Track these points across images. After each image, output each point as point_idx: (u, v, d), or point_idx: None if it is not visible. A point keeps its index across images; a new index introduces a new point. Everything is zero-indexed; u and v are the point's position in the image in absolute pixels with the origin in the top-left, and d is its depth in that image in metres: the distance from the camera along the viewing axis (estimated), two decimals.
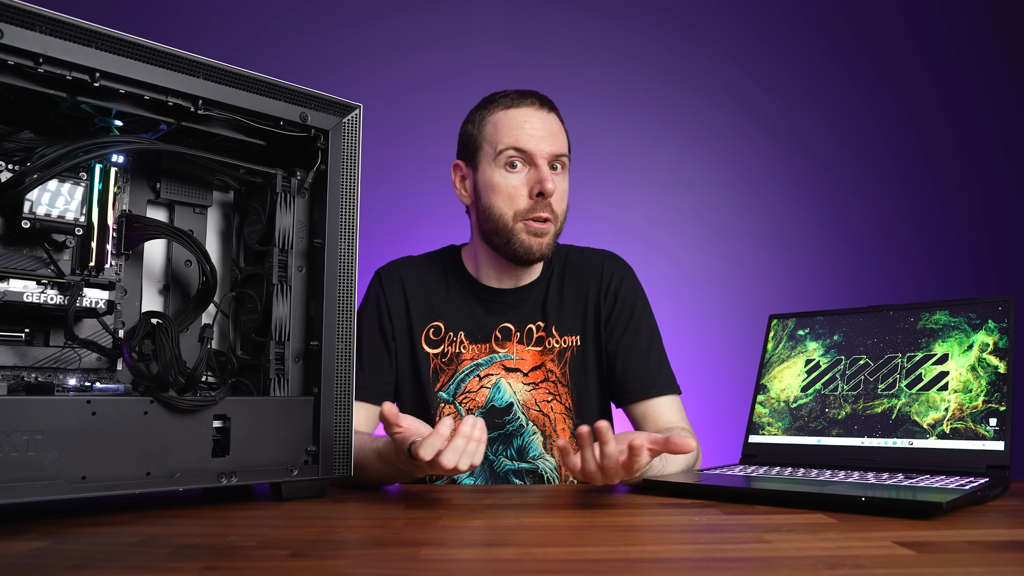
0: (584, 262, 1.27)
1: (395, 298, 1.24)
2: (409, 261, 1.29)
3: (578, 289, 1.25)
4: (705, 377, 2.43)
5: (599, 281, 1.25)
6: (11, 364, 0.78)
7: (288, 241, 0.90)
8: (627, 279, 1.26)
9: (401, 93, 2.52)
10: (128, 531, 0.67)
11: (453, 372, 1.22)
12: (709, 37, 2.61)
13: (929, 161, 2.57)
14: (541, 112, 1.18)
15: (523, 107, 1.18)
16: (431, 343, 1.23)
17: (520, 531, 0.69)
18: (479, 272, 1.25)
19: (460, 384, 1.21)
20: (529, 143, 1.14)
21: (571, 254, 1.29)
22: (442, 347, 1.23)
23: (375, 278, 1.27)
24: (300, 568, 0.53)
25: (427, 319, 1.24)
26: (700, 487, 0.88)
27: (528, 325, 1.23)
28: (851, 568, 0.52)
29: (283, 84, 0.85)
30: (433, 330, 1.24)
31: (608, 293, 1.24)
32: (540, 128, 1.16)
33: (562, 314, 1.24)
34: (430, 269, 1.27)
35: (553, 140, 1.16)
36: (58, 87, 0.73)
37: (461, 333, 1.23)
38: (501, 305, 1.24)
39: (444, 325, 1.23)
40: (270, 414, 0.84)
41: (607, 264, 1.27)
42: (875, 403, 1.02)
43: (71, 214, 0.79)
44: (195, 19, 2.49)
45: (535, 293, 1.25)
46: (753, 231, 2.55)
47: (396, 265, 1.28)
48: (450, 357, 1.22)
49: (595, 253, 1.30)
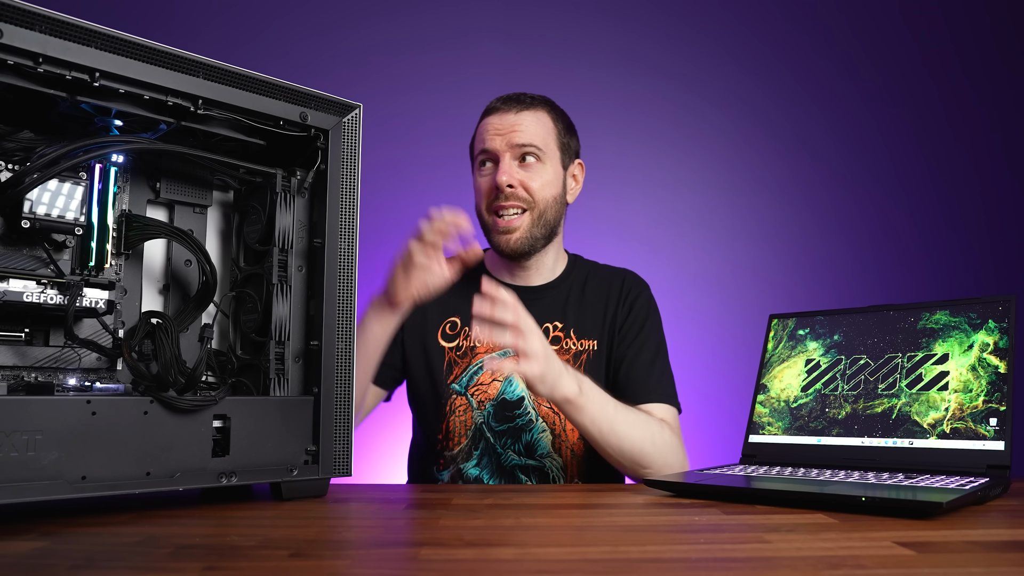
0: (607, 275, 1.33)
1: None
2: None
3: (599, 297, 1.29)
4: (705, 377, 2.43)
5: (619, 291, 1.29)
6: (11, 364, 0.78)
7: (288, 241, 0.90)
8: (644, 294, 1.31)
9: (401, 93, 2.52)
10: (128, 531, 0.67)
11: (467, 365, 1.25)
12: (709, 37, 2.61)
13: (929, 161, 2.57)
14: (510, 112, 1.23)
15: (497, 112, 1.24)
16: (447, 337, 1.27)
17: (520, 531, 0.69)
18: (496, 269, 1.32)
19: (473, 376, 1.24)
20: (491, 142, 1.22)
21: (595, 268, 1.35)
22: (457, 341, 1.27)
23: None
24: (300, 568, 0.53)
25: (445, 314, 1.28)
26: (700, 487, 0.88)
27: (545, 324, 1.26)
28: (851, 568, 0.52)
29: (283, 84, 0.85)
30: (450, 325, 1.28)
31: (624, 303, 1.28)
32: (506, 124, 1.22)
33: (581, 318, 1.27)
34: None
35: (516, 133, 1.21)
36: (58, 87, 0.73)
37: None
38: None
39: (461, 320, 1.28)
40: (270, 414, 0.84)
41: (628, 278, 1.32)
42: (875, 403, 1.02)
43: (71, 214, 0.79)
44: (195, 19, 2.49)
45: (555, 294, 1.29)
46: (753, 231, 2.55)
47: None
48: (464, 351, 1.26)
49: (618, 269, 1.35)
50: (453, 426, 1.23)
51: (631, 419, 1.09)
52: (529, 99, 1.25)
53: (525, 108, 1.23)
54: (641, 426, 1.10)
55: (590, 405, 1.04)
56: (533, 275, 1.29)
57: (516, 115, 1.22)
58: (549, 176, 1.23)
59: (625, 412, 1.09)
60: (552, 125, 1.25)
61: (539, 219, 1.22)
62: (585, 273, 1.32)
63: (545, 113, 1.25)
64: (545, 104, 1.26)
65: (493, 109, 1.25)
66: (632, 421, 1.09)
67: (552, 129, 1.25)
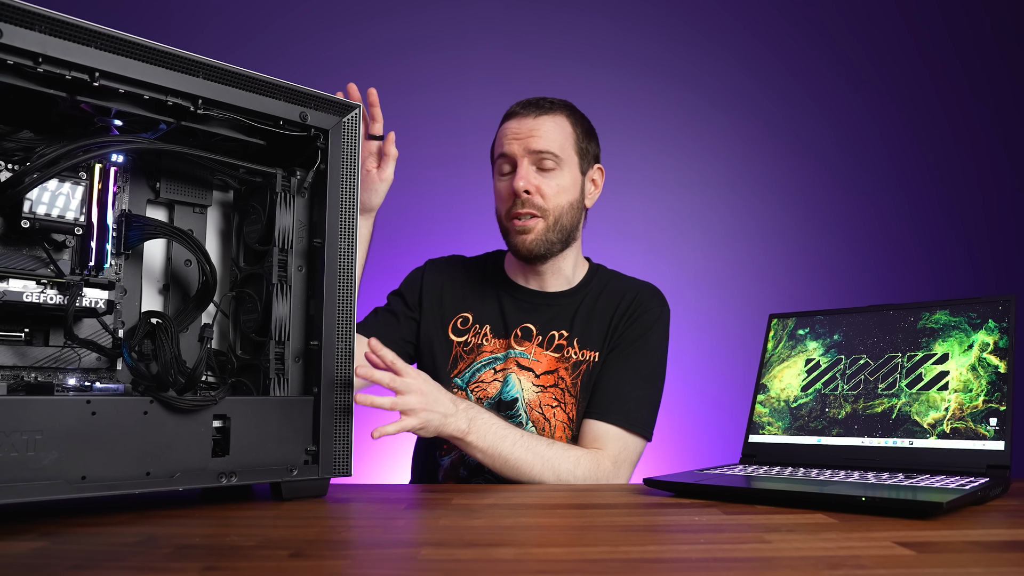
0: (622, 286, 1.30)
1: (433, 285, 1.32)
2: (458, 258, 1.39)
3: (608, 309, 1.27)
4: (705, 377, 2.43)
5: (629, 303, 1.26)
6: (11, 364, 0.78)
7: (288, 241, 0.90)
8: (654, 311, 1.26)
9: (401, 93, 2.52)
10: (128, 531, 0.67)
11: (471, 361, 1.26)
12: (709, 37, 2.61)
13: (929, 161, 2.57)
14: (528, 116, 1.24)
15: (517, 117, 1.25)
16: (457, 332, 1.29)
17: (520, 531, 0.69)
18: (513, 272, 1.33)
19: (475, 373, 1.25)
20: (510, 147, 1.23)
21: (615, 279, 1.33)
22: (466, 336, 1.28)
23: (425, 263, 1.38)
24: (300, 568, 0.53)
25: (458, 309, 1.30)
26: (700, 487, 0.88)
27: (552, 331, 1.26)
28: (851, 568, 0.52)
29: (283, 84, 0.85)
30: (461, 320, 1.30)
31: (629, 315, 1.25)
32: (524, 130, 1.22)
33: (588, 328, 1.26)
34: (473, 267, 1.36)
35: (534, 139, 1.21)
36: (58, 87, 0.73)
37: (487, 327, 1.28)
38: (528, 305, 1.28)
39: (472, 317, 1.29)
40: (270, 414, 0.84)
41: (643, 292, 1.29)
42: (875, 403, 1.02)
43: (71, 214, 0.79)
44: (195, 19, 2.49)
45: (566, 302, 1.29)
46: (753, 231, 2.55)
47: (445, 259, 1.39)
48: (472, 347, 1.27)
49: (638, 282, 1.32)
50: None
51: (532, 455, 1.07)
52: (548, 104, 1.25)
53: (544, 113, 1.23)
54: (545, 461, 1.08)
55: (481, 442, 1.05)
56: (550, 280, 1.29)
57: (535, 119, 1.23)
58: (566, 182, 1.23)
59: (526, 447, 1.07)
60: (571, 130, 1.25)
61: (555, 224, 1.22)
62: (604, 284, 1.30)
63: (564, 118, 1.25)
64: (565, 108, 1.26)
65: (513, 114, 1.25)
66: (534, 457, 1.07)
67: (571, 134, 1.25)
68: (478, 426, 1.05)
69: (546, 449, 1.10)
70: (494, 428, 1.07)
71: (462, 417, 1.04)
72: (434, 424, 1.01)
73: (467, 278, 1.34)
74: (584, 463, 1.11)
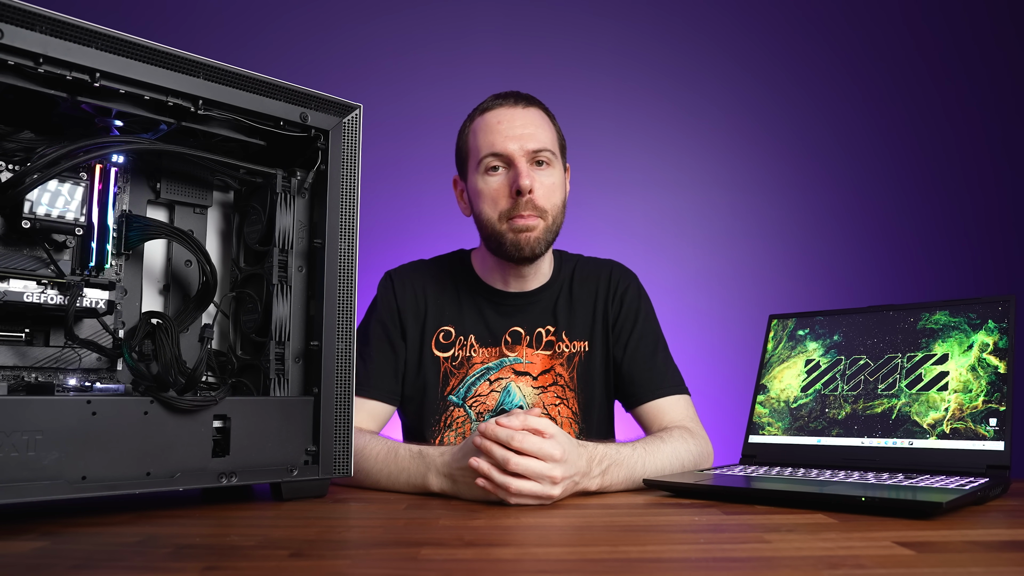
0: (593, 269, 1.29)
1: (406, 301, 1.24)
2: (420, 265, 1.30)
3: (587, 295, 1.26)
4: (705, 377, 2.42)
5: (607, 287, 1.27)
6: (11, 364, 0.78)
7: (288, 241, 0.90)
8: (632, 285, 1.28)
9: (401, 93, 2.52)
10: (128, 531, 0.67)
11: (463, 376, 1.22)
12: (709, 37, 2.61)
13: (929, 161, 2.57)
14: (516, 109, 1.18)
15: (497, 108, 1.18)
16: (441, 347, 1.23)
17: (520, 531, 0.69)
18: (488, 276, 1.26)
19: (470, 388, 1.22)
20: (505, 145, 1.15)
21: (581, 262, 1.31)
22: (452, 351, 1.23)
23: (386, 279, 1.27)
24: (300, 568, 0.53)
25: (437, 323, 1.24)
26: (700, 487, 0.88)
27: (538, 329, 1.24)
28: (851, 568, 0.52)
29: (283, 84, 0.85)
30: (443, 334, 1.24)
31: (615, 298, 1.26)
32: (516, 127, 1.16)
33: (572, 319, 1.25)
34: (441, 274, 1.28)
35: (531, 137, 1.16)
36: (58, 87, 0.73)
37: (472, 337, 1.23)
38: (511, 308, 1.25)
39: (455, 329, 1.24)
40: (270, 414, 0.84)
41: (614, 271, 1.29)
42: (875, 403, 1.02)
43: (71, 214, 0.79)
44: (195, 19, 2.49)
45: (545, 297, 1.26)
46: (753, 231, 2.55)
47: (407, 269, 1.29)
48: (460, 361, 1.22)
49: (603, 262, 1.32)
50: (449, 440, 1.20)
51: (660, 462, 1.01)
52: (527, 97, 1.21)
53: (529, 105, 1.19)
54: (670, 459, 1.03)
55: (617, 484, 0.95)
56: (531, 280, 1.25)
57: (526, 111, 1.18)
58: (558, 180, 1.20)
59: (654, 458, 1.00)
60: (551, 124, 1.22)
61: (552, 224, 1.18)
62: (571, 269, 1.28)
63: (543, 111, 1.21)
64: (540, 103, 1.22)
65: (490, 107, 1.19)
66: (662, 463, 1.02)
67: (553, 128, 1.22)
68: (612, 471, 0.94)
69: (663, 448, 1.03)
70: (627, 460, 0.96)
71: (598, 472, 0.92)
72: (570, 490, 0.88)
73: (439, 288, 1.26)
74: (692, 440, 1.08)
